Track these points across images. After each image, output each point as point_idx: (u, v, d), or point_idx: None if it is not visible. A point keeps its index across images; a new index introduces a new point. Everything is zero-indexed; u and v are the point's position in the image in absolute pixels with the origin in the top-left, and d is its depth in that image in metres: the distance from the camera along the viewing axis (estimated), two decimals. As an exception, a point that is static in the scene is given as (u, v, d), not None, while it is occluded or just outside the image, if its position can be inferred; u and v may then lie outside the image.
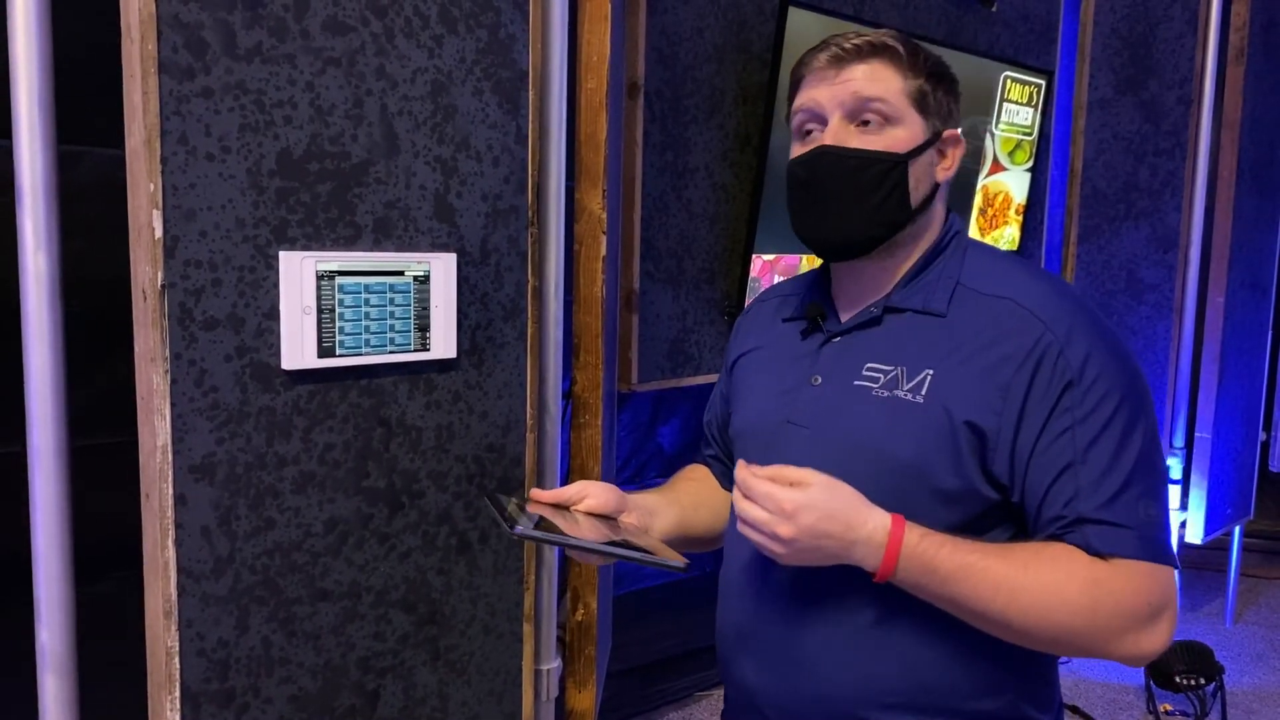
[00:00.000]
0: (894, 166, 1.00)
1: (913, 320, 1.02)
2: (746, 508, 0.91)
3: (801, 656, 1.01)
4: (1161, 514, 0.95)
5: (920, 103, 1.02)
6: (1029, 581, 0.90)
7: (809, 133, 1.04)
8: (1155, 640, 0.92)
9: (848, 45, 1.01)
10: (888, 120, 1.00)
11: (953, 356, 0.97)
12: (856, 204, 1.00)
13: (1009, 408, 0.94)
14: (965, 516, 0.96)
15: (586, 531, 0.96)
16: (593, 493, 1.05)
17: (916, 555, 0.89)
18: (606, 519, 1.04)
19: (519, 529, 0.90)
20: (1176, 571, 0.95)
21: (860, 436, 0.99)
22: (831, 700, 1.00)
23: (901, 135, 1.01)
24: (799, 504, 0.89)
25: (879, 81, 1.00)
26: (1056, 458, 0.93)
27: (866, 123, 1.00)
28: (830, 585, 0.99)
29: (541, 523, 0.95)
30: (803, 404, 1.05)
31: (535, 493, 1.05)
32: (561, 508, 1.04)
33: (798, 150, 1.05)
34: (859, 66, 1.00)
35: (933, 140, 1.03)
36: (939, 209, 1.06)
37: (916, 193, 1.02)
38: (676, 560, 0.91)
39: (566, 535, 0.93)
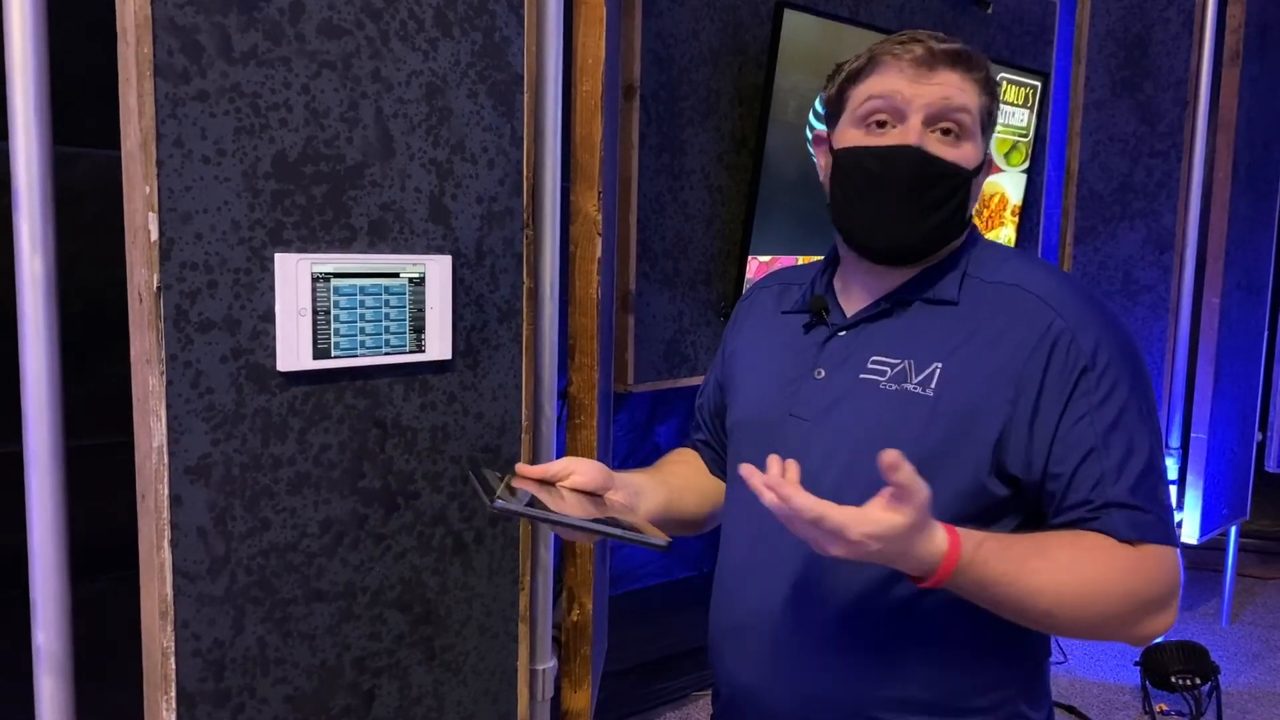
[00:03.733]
0: (964, 182, 0.99)
1: (920, 310, 1.01)
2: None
3: (797, 655, 1.01)
4: (1168, 497, 0.96)
5: (985, 122, 1.01)
6: (1071, 577, 0.89)
7: (882, 124, 0.99)
8: (1168, 620, 0.94)
9: (942, 47, 0.97)
10: (963, 133, 0.98)
11: (963, 348, 0.97)
12: (928, 213, 0.98)
13: (1023, 397, 0.93)
14: (972, 510, 0.96)
15: (572, 508, 0.94)
16: (579, 469, 1.03)
17: (969, 568, 0.86)
18: (593, 496, 1.02)
19: (499, 503, 0.87)
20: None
21: (865, 430, 0.98)
22: (827, 699, 1.00)
23: (971, 151, 0.99)
24: (869, 534, 0.82)
25: (967, 93, 0.98)
26: (1077, 443, 0.93)
27: (947, 131, 0.98)
28: (829, 583, 0.99)
29: (521, 497, 0.93)
30: (805, 396, 1.04)
31: (521, 467, 1.03)
32: (547, 484, 1.02)
33: (864, 139, 1.00)
34: (951, 73, 0.97)
35: (985, 161, 1.02)
36: None
37: (970, 209, 1.01)
38: (659, 538, 0.88)
39: (548, 511, 0.90)
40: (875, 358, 1.01)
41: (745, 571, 1.07)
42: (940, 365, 0.97)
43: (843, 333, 1.05)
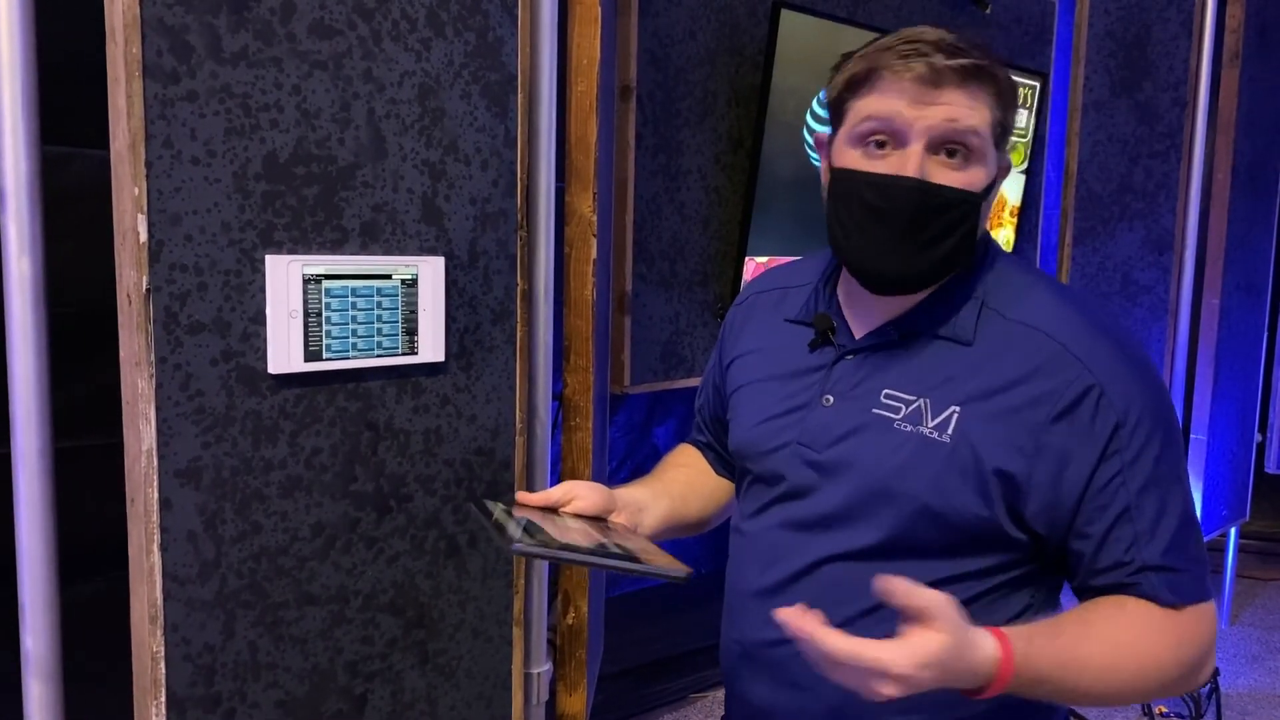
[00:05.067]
0: (972, 209, 0.92)
1: (933, 343, 0.96)
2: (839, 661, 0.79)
3: (815, 674, 0.99)
4: (1202, 547, 0.93)
5: (1000, 137, 0.93)
6: (1123, 659, 0.88)
7: (882, 145, 0.92)
8: (1208, 673, 0.92)
9: (948, 63, 0.88)
10: (972, 155, 0.91)
11: (980, 392, 0.92)
12: (930, 246, 0.92)
13: (1046, 452, 0.90)
14: (991, 561, 0.94)
15: (576, 535, 0.94)
16: (580, 494, 1.01)
17: (1023, 670, 0.83)
18: (596, 520, 1.01)
19: (517, 545, 0.86)
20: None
21: (879, 472, 0.94)
22: (846, 717, 0.98)
23: (981, 173, 0.93)
24: (916, 662, 0.77)
25: (975, 111, 0.90)
26: (1109, 504, 0.89)
27: (953, 154, 0.91)
28: (845, 603, 0.96)
29: (529, 527, 0.94)
30: (813, 426, 1.00)
31: (521, 496, 1.03)
32: (549, 510, 1.01)
33: (862, 163, 0.94)
34: (959, 91, 0.89)
35: (998, 175, 0.96)
36: None
37: (979, 231, 0.95)
38: (678, 570, 0.88)
39: (569, 552, 0.89)
40: (888, 391, 0.96)
41: (761, 595, 1.03)
42: (957, 410, 0.92)
43: (850, 356, 1.00)
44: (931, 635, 0.77)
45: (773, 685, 1.02)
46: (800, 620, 0.79)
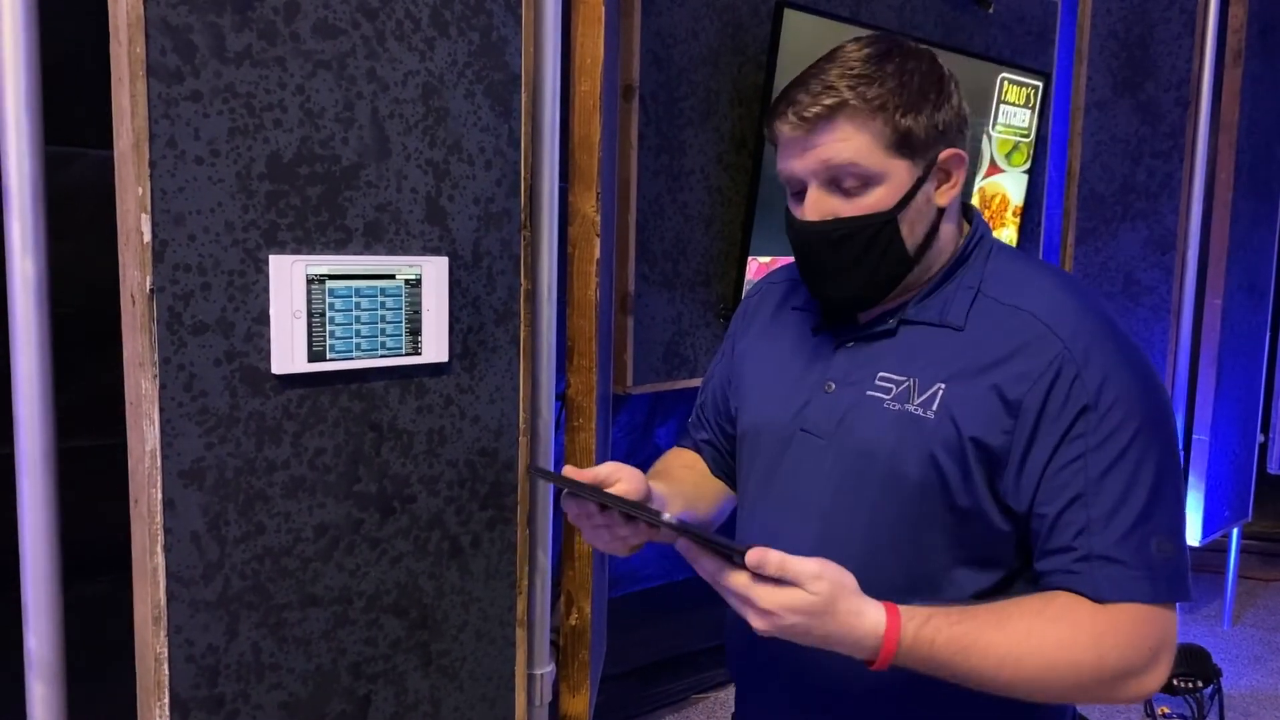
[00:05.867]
0: (882, 226, 0.95)
1: (928, 330, 0.99)
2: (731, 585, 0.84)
3: (823, 691, 1.00)
4: (1175, 548, 0.91)
5: (902, 145, 0.94)
6: (1032, 649, 0.87)
7: (798, 192, 1.00)
8: (1152, 683, 0.90)
9: (807, 113, 0.94)
10: (867, 180, 0.94)
11: (966, 370, 0.94)
12: (851, 270, 0.97)
13: (1021, 427, 0.91)
14: (977, 546, 0.94)
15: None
16: (624, 476, 1.01)
17: (912, 649, 0.84)
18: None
19: (666, 516, 0.86)
20: (1192, 586, 0.92)
21: (872, 452, 0.96)
22: (859, 697, 0.98)
23: (884, 192, 0.95)
24: (780, 605, 0.82)
25: (847, 143, 0.93)
26: (1066, 486, 0.89)
27: (848, 187, 0.95)
28: None
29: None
30: (816, 411, 1.02)
31: (570, 470, 1.01)
32: (594, 489, 1.00)
33: (792, 207, 1.01)
34: (824, 133, 0.94)
35: (925, 175, 0.97)
36: (947, 230, 1.01)
37: (913, 237, 0.97)
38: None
39: (730, 540, 0.88)
40: (882, 374, 0.99)
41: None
42: (942, 387, 0.94)
43: (851, 344, 1.03)
44: (800, 592, 0.82)
45: (782, 688, 1.03)
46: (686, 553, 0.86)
